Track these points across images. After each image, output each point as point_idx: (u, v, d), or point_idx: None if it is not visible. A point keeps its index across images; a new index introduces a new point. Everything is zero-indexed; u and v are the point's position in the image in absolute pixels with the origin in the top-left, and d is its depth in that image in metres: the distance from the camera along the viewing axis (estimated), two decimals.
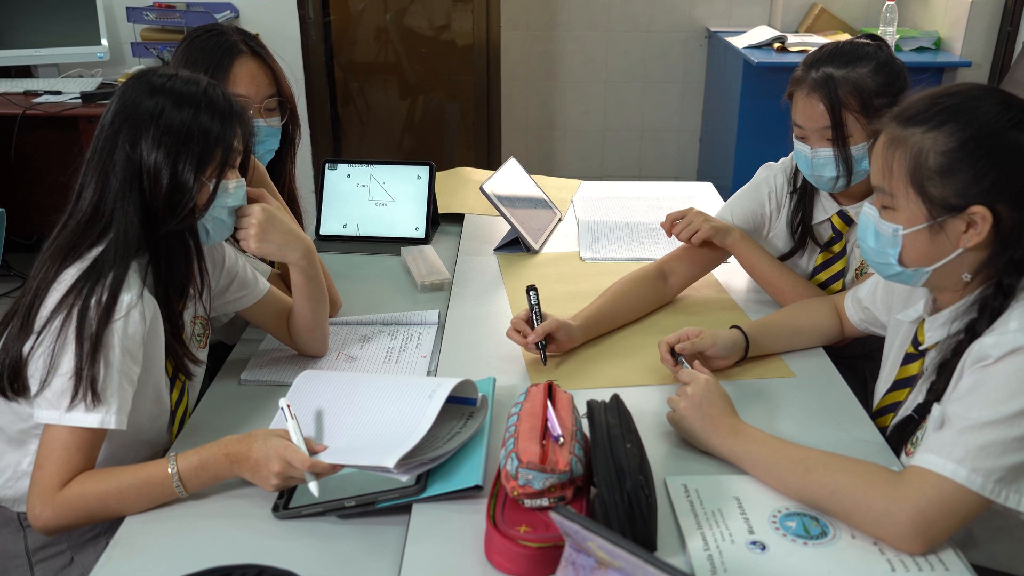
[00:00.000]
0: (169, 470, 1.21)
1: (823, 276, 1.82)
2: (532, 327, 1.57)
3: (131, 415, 1.30)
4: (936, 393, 1.23)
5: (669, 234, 1.83)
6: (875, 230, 1.25)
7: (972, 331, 1.19)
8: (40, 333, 1.24)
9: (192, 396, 1.52)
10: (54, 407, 1.22)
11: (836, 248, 1.79)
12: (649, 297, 1.80)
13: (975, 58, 3.84)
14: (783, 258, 1.86)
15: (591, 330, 1.67)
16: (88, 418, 1.21)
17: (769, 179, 1.87)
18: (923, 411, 1.27)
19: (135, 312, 1.25)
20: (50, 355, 1.22)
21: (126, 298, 1.25)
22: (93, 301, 1.23)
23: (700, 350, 1.50)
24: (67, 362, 1.21)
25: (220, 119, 1.34)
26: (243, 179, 1.44)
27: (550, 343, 1.59)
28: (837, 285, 1.80)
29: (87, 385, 1.21)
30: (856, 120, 1.62)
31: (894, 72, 1.64)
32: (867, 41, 1.69)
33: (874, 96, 1.61)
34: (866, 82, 1.61)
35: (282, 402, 1.33)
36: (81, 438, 1.22)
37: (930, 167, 1.17)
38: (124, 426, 1.25)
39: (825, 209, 1.79)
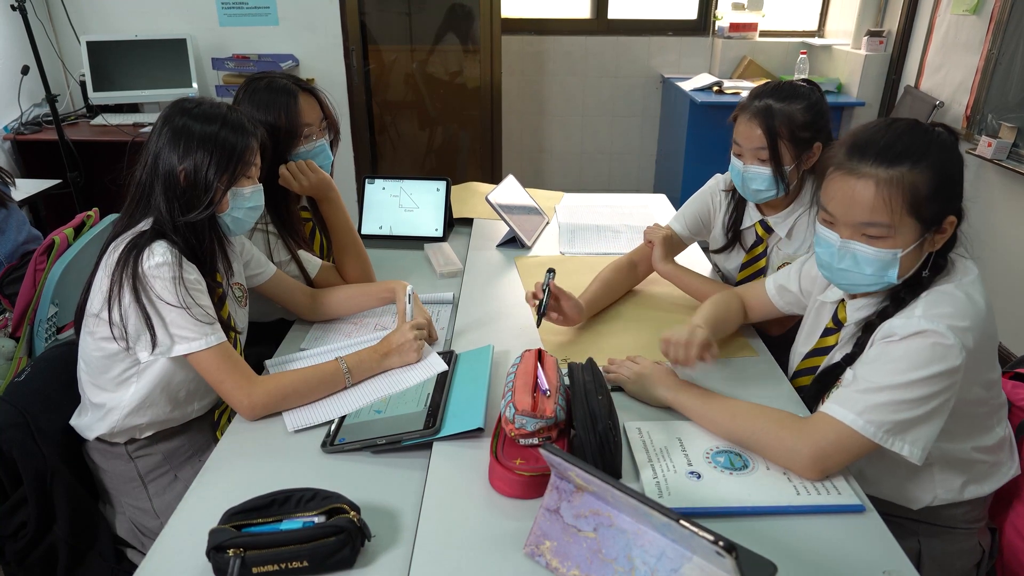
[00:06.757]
0: (341, 366, 1.33)
1: (747, 273, 1.75)
2: (542, 298, 1.49)
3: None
4: (851, 359, 1.21)
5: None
6: (872, 260, 1.13)
7: (886, 313, 1.16)
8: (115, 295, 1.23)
9: (241, 344, 1.46)
10: (186, 342, 1.23)
11: (758, 250, 1.72)
12: (626, 282, 1.77)
13: (867, 99, 3.81)
14: (718, 251, 1.81)
15: (591, 309, 1.63)
16: (210, 339, 1.24)
17: (714, 186, 1.81)
18: (836, 372, 1.25)
19: (166, 268, 1.22)
20: (152, 312, 1.22)
21: (158, 258, 1.22)
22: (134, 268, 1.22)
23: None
24: (169, 314, 1.22)
25: (239, 133, 1.30)
26: (259, 185, 1.38)
27: (559, 313, 1.53)
28: (759, 280, 1.74)
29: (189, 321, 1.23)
30: (785, 146, 1.55)
31: (820, 112, 1.56)
32: (803, 83, 1.59)
33: (801, 129, 1.54)
34: (796, 116, 1.53)
35: (409, 288, 1.49)
36: (218, 351, 1.25)
37: (923, 195, 1.08)
38: (224, 339, 1.27)
39: (751, 217, 1.72)
